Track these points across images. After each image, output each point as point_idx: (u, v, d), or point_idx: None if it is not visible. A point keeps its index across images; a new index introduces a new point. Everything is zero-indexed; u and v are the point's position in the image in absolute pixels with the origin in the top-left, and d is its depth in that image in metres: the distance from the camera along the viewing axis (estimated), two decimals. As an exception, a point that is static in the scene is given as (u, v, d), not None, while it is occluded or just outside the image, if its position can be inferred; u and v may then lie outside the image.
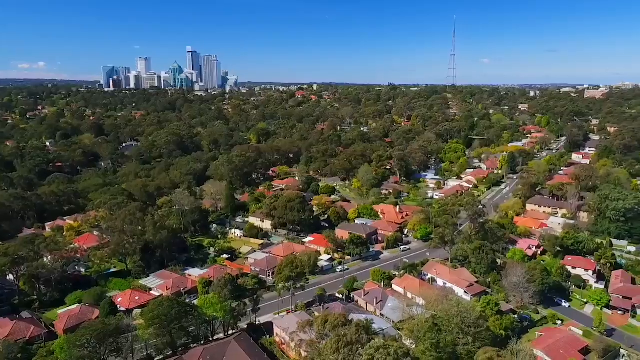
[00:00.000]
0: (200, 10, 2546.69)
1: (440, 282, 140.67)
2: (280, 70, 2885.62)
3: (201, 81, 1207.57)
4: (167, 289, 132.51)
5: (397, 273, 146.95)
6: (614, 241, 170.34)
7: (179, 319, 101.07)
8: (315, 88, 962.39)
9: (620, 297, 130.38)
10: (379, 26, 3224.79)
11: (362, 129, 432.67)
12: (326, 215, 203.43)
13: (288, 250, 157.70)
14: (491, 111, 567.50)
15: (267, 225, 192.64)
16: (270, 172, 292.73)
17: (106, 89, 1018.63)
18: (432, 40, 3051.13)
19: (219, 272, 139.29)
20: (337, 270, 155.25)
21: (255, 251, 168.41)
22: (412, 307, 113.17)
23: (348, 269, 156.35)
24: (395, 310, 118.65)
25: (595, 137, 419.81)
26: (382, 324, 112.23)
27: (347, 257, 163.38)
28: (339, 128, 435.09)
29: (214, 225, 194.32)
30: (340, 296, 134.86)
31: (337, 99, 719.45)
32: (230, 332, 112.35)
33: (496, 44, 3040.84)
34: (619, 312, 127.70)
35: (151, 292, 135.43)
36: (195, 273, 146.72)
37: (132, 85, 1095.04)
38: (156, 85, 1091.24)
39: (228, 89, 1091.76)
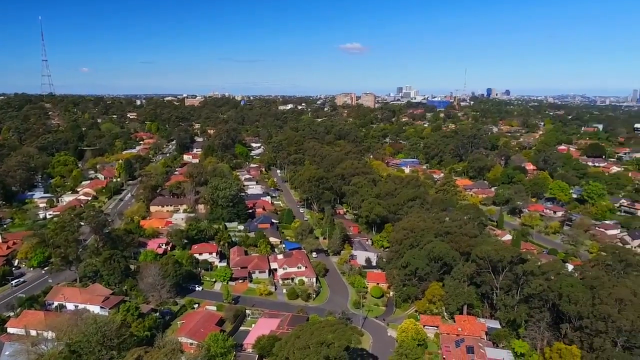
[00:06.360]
0: None
1: (71, 306, 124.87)
2: None
3: None
4: None
5: (12, 313, 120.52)
6: (228, 224, 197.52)
7: None
8: None
9: (239, 268, 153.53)
10: None
11: None
12: None
13: None
14: (99, 120, 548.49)
15: None
16: None
17: None
18: (19, 44, 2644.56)
19: None
20: None
21: None
22: (39, 346, 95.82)
23: None
24: (16, 356, 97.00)
25: (200, 139, 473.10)
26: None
27: None
28: None
29: None
30: None
31: None
32: None
33: (93, 53, 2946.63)
34: (240, 281, 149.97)
35: None
36: None
37: None
38: None
39: None
